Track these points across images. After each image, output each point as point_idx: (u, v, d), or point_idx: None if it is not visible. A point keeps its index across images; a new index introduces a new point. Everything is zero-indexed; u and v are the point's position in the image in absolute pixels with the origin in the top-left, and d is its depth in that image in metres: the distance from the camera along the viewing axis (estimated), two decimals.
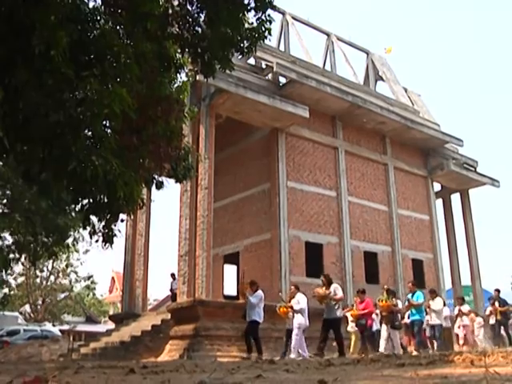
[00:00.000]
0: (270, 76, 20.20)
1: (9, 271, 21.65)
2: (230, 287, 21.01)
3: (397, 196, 22.33)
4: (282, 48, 23.41)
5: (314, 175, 19.78)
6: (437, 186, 25.52)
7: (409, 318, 13.71)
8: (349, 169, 20.93)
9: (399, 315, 13.43)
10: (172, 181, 10.39)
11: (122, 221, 8.91)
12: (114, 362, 8.78)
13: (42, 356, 18.84)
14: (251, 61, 21.80)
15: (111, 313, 38.38)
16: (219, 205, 19.71)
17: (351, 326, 13.97)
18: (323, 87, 19.41)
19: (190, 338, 13.89)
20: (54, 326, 32.64)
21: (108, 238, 8.19)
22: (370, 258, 20.60)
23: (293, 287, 13.34)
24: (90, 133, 6.82)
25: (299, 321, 12.16)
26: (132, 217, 18.16)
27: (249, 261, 19.05)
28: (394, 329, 12.83)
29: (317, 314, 12.64)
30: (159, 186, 9.82)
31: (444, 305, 14.69)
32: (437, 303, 13.80)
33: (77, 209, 11.66)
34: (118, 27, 7.27)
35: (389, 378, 3.86)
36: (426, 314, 13.75)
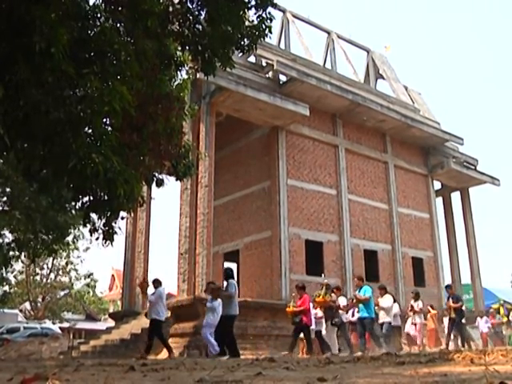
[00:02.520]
0: (270, 74, 20.20)
1: (9, 269, 21.65)
2: None
3: (397, 194, 22.33)
4: (282, 46, 23.39)
5: (314, 173, 19.79)
6: (437, 185, 25.53)
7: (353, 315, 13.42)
8: (349, 167, 20.93)
9: (340, 312, 13.03)
10: (172, 178, 10.40)
11: (123, 218, 8.90)
12: (113, 359, 8.79)
13: (42, 354, 18.87)
14: (252, 59, 21.81)
15: (111, 310, 38.44)
16: (219, 203, 19.72)
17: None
18: (323, 85, 19.40)
19: (190, 336, 13.91)
20: (53, 323, 32.71)
21: (108, 236, 8.19)
22: (370, 256, 20.62)
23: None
24: (90, 130, 6.81)
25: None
26: (132, 214, 18.22)
27: (249, 259, 19.08)
28: (332, 325, 12.38)
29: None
30: (159, 183, 9.82)
31: (394, 301, 13.99)
32: (385, 300, 13.25)
33: (77, 206, 11.66)
34: (118, 25, 7.26)
35: (388, 376, 3.87)
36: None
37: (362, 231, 20.63)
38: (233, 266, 20.95)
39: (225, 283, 10.94)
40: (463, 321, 14.81)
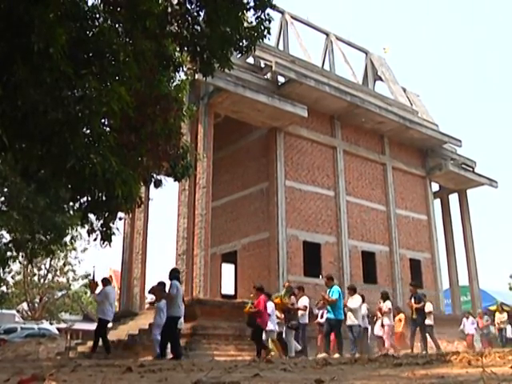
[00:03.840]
0: (268, 75, 20.21)
1: (6, 269, 21.61)
2: (228, 286, 21.03)
3: (395, 196, 22.36)
4: (281, 47, 23.42)
5: (313, 175, 19.80)
6: (435, 186, 25.57)
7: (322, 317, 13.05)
8: (347, 168, 20.95)
9: (301, 313, 12.64)
10: (170, 179, 10.41)
11: (121, 219, 8.93)
12: (111, 360, 8.77)
13: (39, 354, 18.80)
14: (250, 60, 21.83)
15: None
16: (217, 204, 19.72)
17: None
18: (322, 87, 19.42)
19: (188, 337, 13.88)
20: (51, 324, 32.63)
21: (106, 236, 8.18)
22: (368, 258, 20.63)
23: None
24: (88, 131, 6.80)
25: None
26: (130, 215, 18.21)
27: (246, 260, 19.07)
28: (289, 328, 11.92)
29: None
30: (157, 184, 9.83)
31: (363, 302, 13.44)
32: (354, 301, 12.73)
33: (75, 207, 11.67)
34: (117, 25, 7.26)
35: (386, 377, 3.87)
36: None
37: (359, 233, 20.64)
38: (231, 267, 20.98)
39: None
40: (429, 322, 13.91)
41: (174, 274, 10.18)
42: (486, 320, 19.15)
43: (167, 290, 10.30)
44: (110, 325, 12.45)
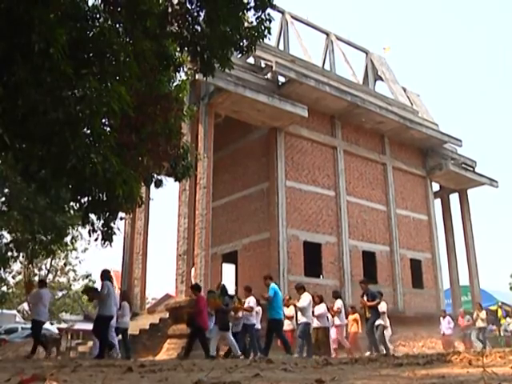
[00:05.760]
0: (269, 75, 20.21)
1: (7, 269, 21.62)
2: (229, 286, 21.00)
3: (395, 196, 22.35)
4: (281, 47, 23.43)
5: (313, 175, 19.80)
6: (435, 186, 25.56)
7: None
8: (347, 168, 20.95)
9: (246, 313, 11.77)
10: (171, 179, 10.40)
11: (121, 219, 8.91)
12: (111, 360, 8.77)
13: (40, 354, 18.81)
14: (250, 60, 21.82)
15: None
16: (218, 204, 19.71)
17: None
18: (322, 86, 19.42)
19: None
20: (51, 324, 32.60)
21: (107, 236, 8.18)
22: (369, 258, 20.63)
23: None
24: (88, 131, 6.80)
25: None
26: (131, 215, 18.22)
27: (247, 260, 19.07)
28: (220, 330, 11.04)
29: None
30: (158, 184, 9.82)
31: (322, 302, 12.70)
32: (302, 300, 12.10)
33: (76, 207, 11.66)
34: (117, 25, 7.26)
35: (386, 377, 3.86)
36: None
37: (360, 233, 20.64)
38: (231, 267, 20.97)
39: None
40: (380, 322, 12.73)
41: (106, 275, 10.46)
42: (467, 320, 18.16)
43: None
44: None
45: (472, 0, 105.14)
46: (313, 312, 12.43)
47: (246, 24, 7.72)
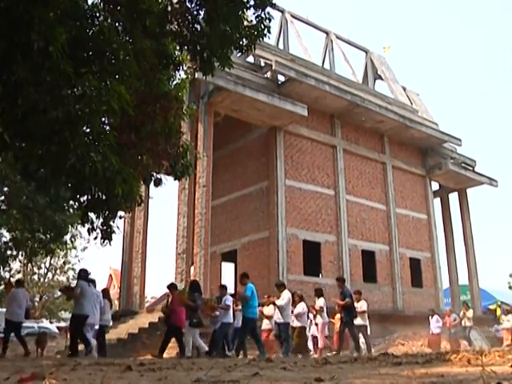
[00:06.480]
0: (268, 74, 20.21)
1: (6, 268, 21.61)
2: (228, 285, 20.99)
3: (395, 195, 22.37)
4: (281, 46, 23.42)
5: (312, 174, 19.81)
6: (435, 185, 25.58)
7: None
8: (347, 167, 20.96)
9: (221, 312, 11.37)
10: (170, 178, 10.39)
11: (121, 218, 8.91)
12: (110, 359, 8.78)
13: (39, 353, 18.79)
14: (250, 59, 21.83)
15: None
16: (217, 203, 19.72)
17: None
18: (322, 86, 19.42)
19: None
20: (51, 322, 32.60)
21: (106, 235, 8.18)
22: (368, 257, 20.65)
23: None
24: (88, 129, 6.79)
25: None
26: (130, 214, 18.20)
27: (246, 259, 19.07)
28: (191, 326, 10.93)
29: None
30: (157, 183, 9.81)
31: (302, 300, 12.42)
32: (281, 298, 11.81)
33: (75, 205, 11.67)
34: (116, 24, 7.24)
35: (385, 376, 3.87)
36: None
37: (359, 232, 20.65)
38: (231, 266, 20.98)
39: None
40: (361, 322, 12.62)
41: (81, 275, 10.60)
42: (453, 319, 17.83)
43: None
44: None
45: (472, 0, 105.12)
46: (292, 311, 12.20)
47: (245, 23, 7.71)
